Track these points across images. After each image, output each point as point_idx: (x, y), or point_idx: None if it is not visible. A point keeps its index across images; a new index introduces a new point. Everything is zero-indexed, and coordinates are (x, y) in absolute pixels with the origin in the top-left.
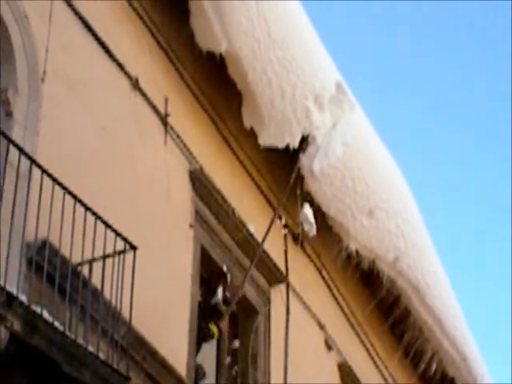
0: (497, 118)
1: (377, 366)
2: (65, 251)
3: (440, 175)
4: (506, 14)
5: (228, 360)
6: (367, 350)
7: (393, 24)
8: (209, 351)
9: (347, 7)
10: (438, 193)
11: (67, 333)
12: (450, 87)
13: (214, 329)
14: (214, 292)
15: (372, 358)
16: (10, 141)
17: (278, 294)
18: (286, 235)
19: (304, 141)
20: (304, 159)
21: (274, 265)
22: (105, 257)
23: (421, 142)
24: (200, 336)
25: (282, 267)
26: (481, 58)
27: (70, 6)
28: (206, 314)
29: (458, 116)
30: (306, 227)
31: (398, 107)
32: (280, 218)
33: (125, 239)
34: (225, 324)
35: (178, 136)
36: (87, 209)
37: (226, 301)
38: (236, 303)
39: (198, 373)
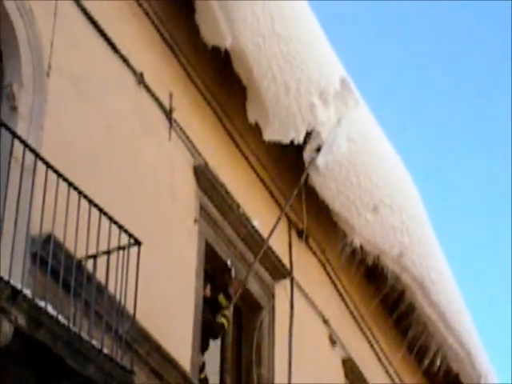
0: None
1: (381, 362)
2: (69, 246)
3: (446, 170)
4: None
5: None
6: (371, 345)
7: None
8: (213, 345)
9: (353, 3)
10: (442, 187)
11: (71, 327)
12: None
13: (222, 319)
14: (218, 287)
15: (376, 354)
16: (15, 135)
17: (282, 289)
18: (290, 230)
19: (309, 136)
20: (308, 155)
21: (279, 260)
22: (109, 251)
23: (427, 138)
24: (207, 330)
25: (287, 262)
26: (484, 52)
27: (76, 1)
28: (211, 309)
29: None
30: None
31: (404, 103)
32: (288, 217)
33: (129, 234)
34: (230, 316)
35: (183, 131)
36: (92, 203)
37: (228, 295)
38: (240, 298)
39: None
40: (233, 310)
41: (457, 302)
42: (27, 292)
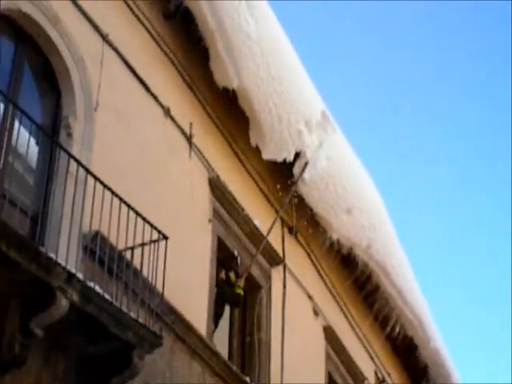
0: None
1: (353, 329)
2: (112, 240)
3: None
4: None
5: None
6: (346, 316)
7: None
8: (224, 317)
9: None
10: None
11: (114, 303)
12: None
13: (238, 289)
14: (228, 270)
15: (349, 322)
16: (70, 155)
17: (277, 273)
18: (283, 228)
19: (297, 156)
20: (297, 170)
21: (274, 250)
22: (143, 244)
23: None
24: (230, 301)
25: (280, 252)
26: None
27: (116, 51)
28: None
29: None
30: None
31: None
32: (281, 218)
33: (159, 231)
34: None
35: (200, 152)
36: (130, 207)
37: (238, 275)
38: (245, 280)
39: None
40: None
41: (411, 283)
42: (80, 275)
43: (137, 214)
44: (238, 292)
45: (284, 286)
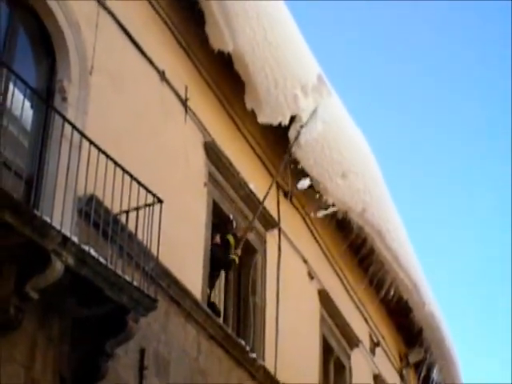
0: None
1: (348, 292)
2: (107, 204)
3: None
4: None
5: (233, 287)
6: (340, 279)
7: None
8: (219, 280)
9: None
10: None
11: (109, 266)
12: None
13: (234, 256)
14: (224, 234)
15: (344, 286)
16: (65, 119)
17: (272, 236)
18: (278, 192)
19: (292, 119)
20: (292, 134)
21: (269, 214)
22: (138, 208)
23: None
24: (222, 265)
25: (275, 216)
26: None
27: (112, 15)
28: (223, 251)
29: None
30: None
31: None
32: (277, 182)
33: (153, 194)
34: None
35: (195, 116)
36: (124, 171)
37: (236, 238)
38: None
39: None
40: (240, 248)
41: (406, 246)
42: (74, 239)
43: (132, 177)
44: (232, 258)
45: (279, 250)
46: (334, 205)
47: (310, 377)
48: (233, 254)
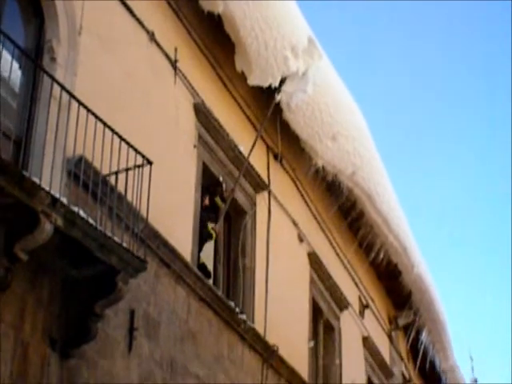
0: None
1: (338, 255)
2: (96, 165)
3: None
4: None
5: (223, 249)
6: (330, 242)
7: None
8: (209, 242)
9: None
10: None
11: (98, 227)
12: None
13: (211, 231)
14: (213, 196)
15: (334, 249)
16: (54, 79)
17: (261, 199)
18: (268, 154)
19: (283, 81)
20: (282, 96)
21: (259, 176)
22: (128, 169)
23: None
24: (203, 236)
25: (265, 178)
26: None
27: None
28: (211, 213)
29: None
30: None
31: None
32: (266, 144)
33: (143, 156)
34: (221, 221)
35: (185, 77)
36: (114, 132)
37: (223, 200)
38: (230, 206)
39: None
40: (224, 215)
41: (396, 210)
42: (64, 200)
43: (121, 138)
44: (210, 232)
45: (269, 212)
46: (323, 167)
47: (300, 339)
48: (210, 229)
